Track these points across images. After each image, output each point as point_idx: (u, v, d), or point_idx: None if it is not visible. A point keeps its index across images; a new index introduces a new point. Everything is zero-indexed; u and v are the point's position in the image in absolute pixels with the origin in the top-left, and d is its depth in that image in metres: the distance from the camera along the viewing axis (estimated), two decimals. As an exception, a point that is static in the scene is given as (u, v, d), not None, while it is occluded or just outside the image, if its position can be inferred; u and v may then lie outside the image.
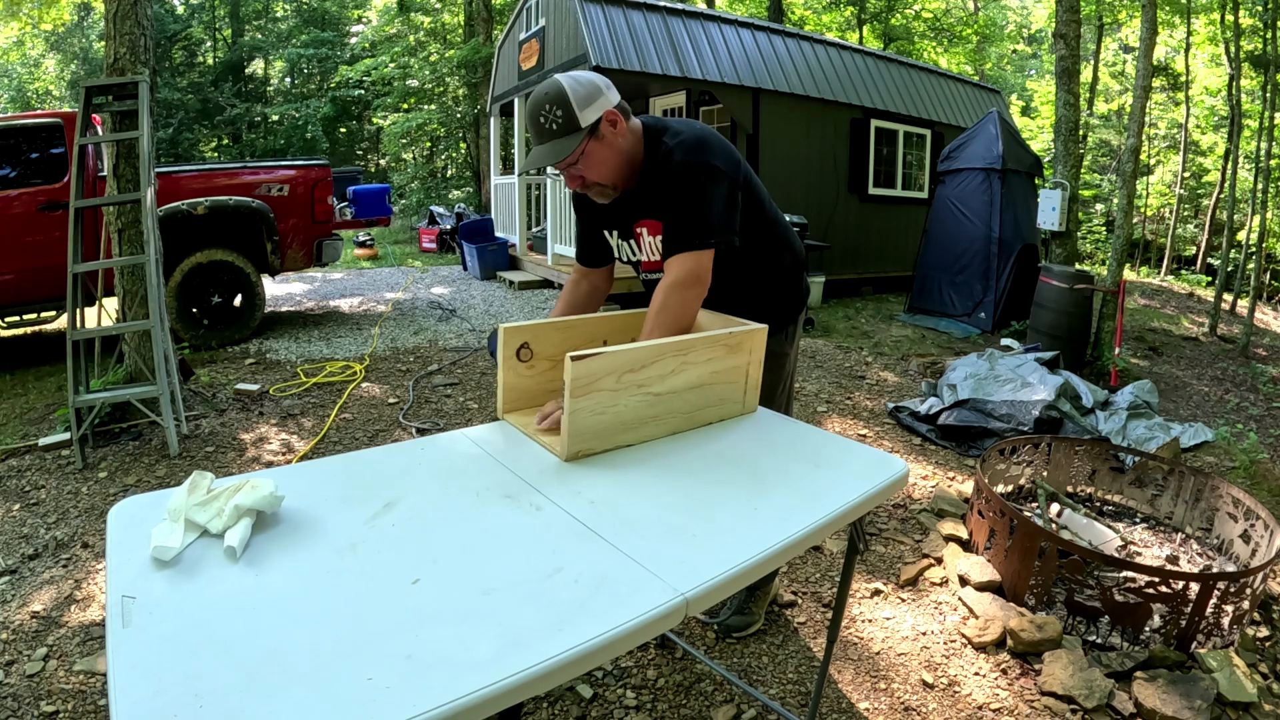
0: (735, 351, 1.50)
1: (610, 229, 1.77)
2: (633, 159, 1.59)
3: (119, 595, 0.88)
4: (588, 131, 1.49)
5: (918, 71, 9.57)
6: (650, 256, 1.70)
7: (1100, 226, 16.32)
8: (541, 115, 1.49)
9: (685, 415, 1.46)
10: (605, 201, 1.64)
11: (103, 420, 3.41)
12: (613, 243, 1.78)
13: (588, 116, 1.49)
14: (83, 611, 2.18)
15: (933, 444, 3.76)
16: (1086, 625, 2.20)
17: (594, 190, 1.61)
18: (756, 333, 1.52)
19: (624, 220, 1.72)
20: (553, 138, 1.50)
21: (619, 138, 1.55)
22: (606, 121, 1.51)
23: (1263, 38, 8.95)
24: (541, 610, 0.88)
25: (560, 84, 1.49)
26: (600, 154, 1.53)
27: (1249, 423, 4.71)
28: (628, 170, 1.60)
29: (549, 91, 1.49)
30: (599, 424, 1.32)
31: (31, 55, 20.46)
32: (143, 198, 3.30)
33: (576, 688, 1.89)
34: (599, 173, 1.56)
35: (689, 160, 1.55)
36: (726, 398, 1.52)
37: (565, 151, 1.49)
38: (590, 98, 1.49)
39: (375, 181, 17.70)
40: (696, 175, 1.55)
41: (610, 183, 1.59)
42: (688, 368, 1.42)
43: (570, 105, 1.47)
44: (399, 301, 7.17)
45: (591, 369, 1.27)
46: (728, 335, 1.48)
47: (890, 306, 7.78)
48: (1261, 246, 8.83)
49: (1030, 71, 24.30)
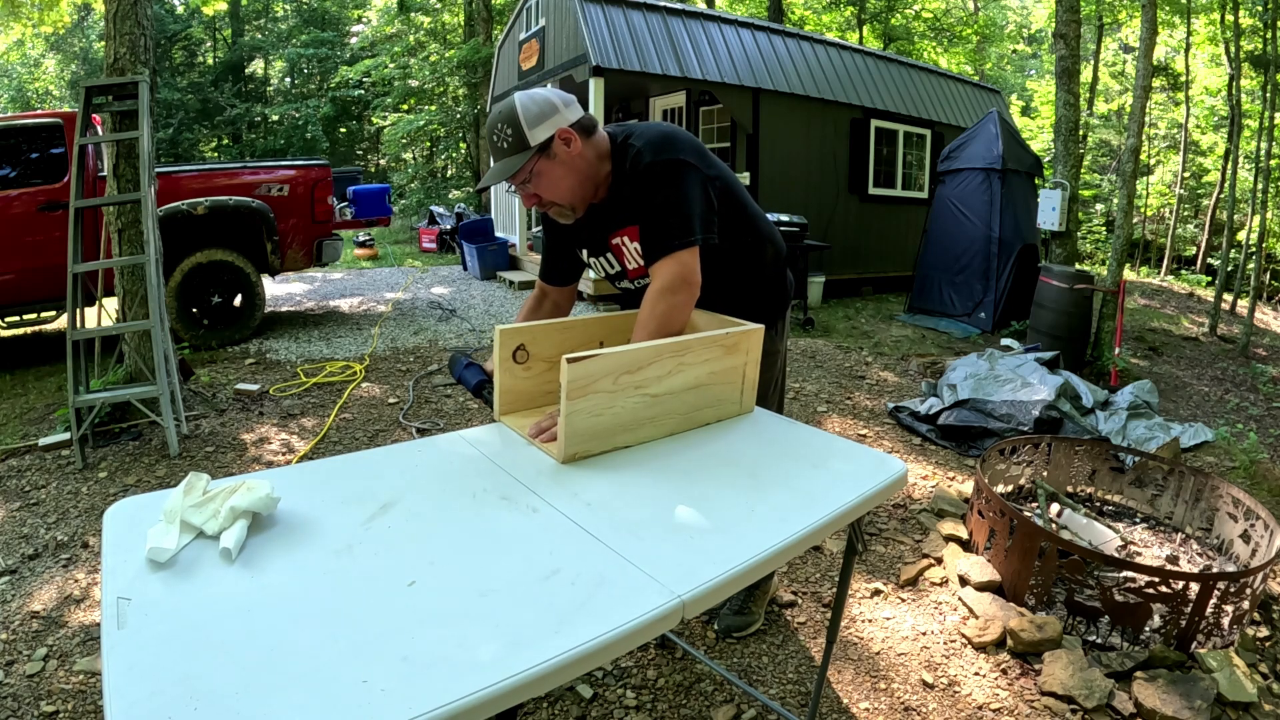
0: (732, 352, 1.49)
1: (581, 247, 1.75)
2: (593, 176, 1.58)
3: (114, 596, 0.87)
4: (537, 150, 1.48)
5: (918, 71, 9.56)
6: (636, 263, 1.68)
7: (1100, 226, 16.32)
8: (495, 134, 1.50)
9: (683, 416, 1.45)
10: (566, 222, 1.63)
11: (103, 420, 3.41)
12: (586, 260, 1.77)
13: (538, 135, 1.47)
14: (83, 611, 2.18)
15: (933, 444, 3.76)
16: (1086, 625, 2.19)
17: (552, 210, 1.60)
18: (753, 333, 1.52)
19: (597, 235, 1.69)
20: (504, 155, 1.50)
21: (574, 156, 1.52)
22: (560, 139, 1.49)
23: (1263, 38, 8.95)
24: (539, 612, 0.88)
25: (513, 103, 1.49)
26: (553, 173, 1.51)
27: (1249, 423, 4.71)
28: (587, 189, 1.58)
29: (502, 110, 1.49)
30: (596, 425, 1.31)
31: (31, 55, 20.47)
32: (143, 198, 3.30)
33: (576, 688, 1.89)
34: (553, 192, 1.54)
35: (659, 159, 1.53)
36: (724, 398, 1.52)
37: (512, 169, 1.49)
38: (542, 116, 1.48)
39: (375, 181, 17.70)
40: (669, 173, 1.53)
41: (566, 202, 1.57)
42: (685, 369, 1.42)
43: (519, 124, 1.46)
44: (399, 301, 7.17)
45: (589, 370, 1.26)
46: (724, 336, 1.47)
47: (890, 306, 7.77)
48: (1261, 246, 8.82)
49: (1030, 71, 24.29)
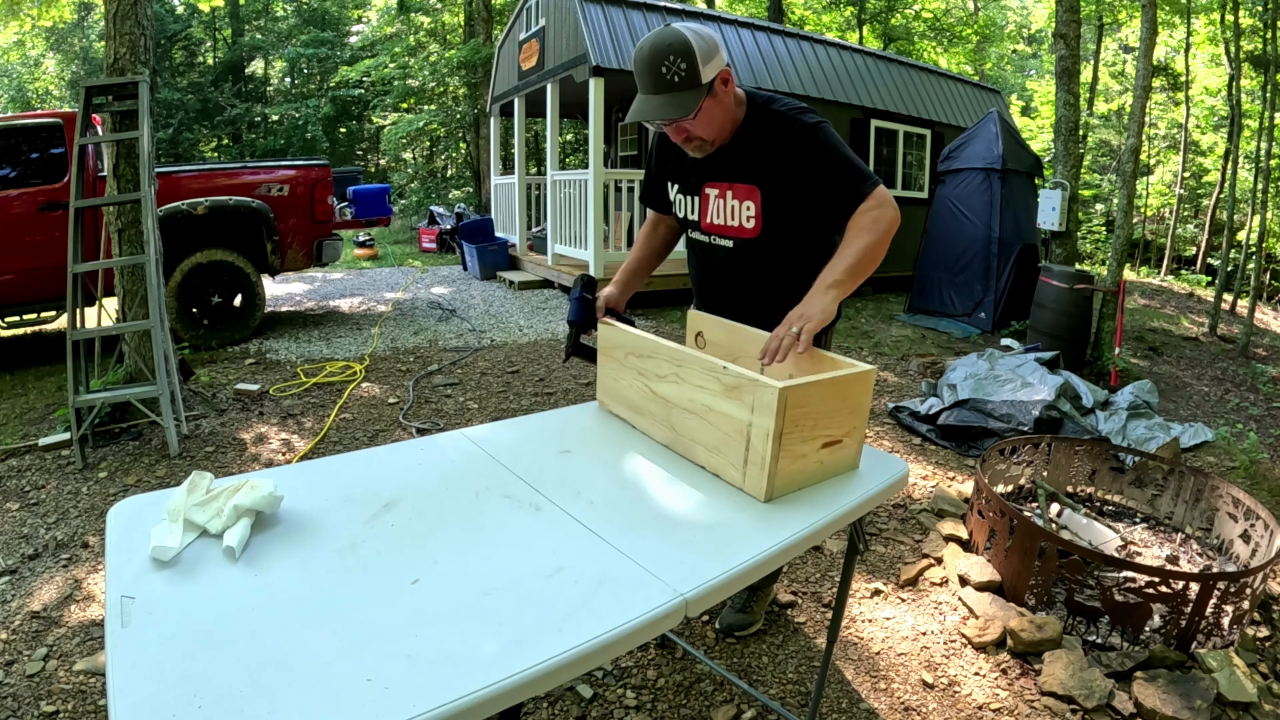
0: (732, 395, 1.20)
1: (674, 182, 1.75)
2: (735, 119, 1.57)
3: (118, 595, 0.87)
4: (707, 89, 1.45)
5: (918, 71, 9.56)
6: (716, 219, 1.67)
7: (1100, 226, 16.31)
8: (664, 65, 1.41)
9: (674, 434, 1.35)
10: (699, 155, 1.60)
11: (103, 420, 3.41)
12: (671, 195, 1.77)
13: (708, 73, 1.44)
14: (83, 611, 2.18)
15: (933, 444, 3.76)
16: (1086, 625, 2.20)
17: (693, 144, 1.56)
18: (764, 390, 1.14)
19: (694, 177, 1.68)
20: (671, 90, 1.43)
21: (729, 95, 1.52)
22: (720, 80, 1.47)
23: (1263, 38, 8.95)
24: (542, 610, 0.88)
25: (684, 35, 1.42)
26: (712, 110, 1.49)
27: (1249, 423, 4.71)
28: (730, 129, 1.57)
29: (672, 41, 1.41)
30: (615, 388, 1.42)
31: (31, 55, 20.46)
32: (143, 198, 3.30)
33: (577, 688, 1.89)
34: (707, 129, 1.52)
35: (815, 123, 1.52)
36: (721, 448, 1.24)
37: (688, 108, 1.44)
38: (710, 53, 1.44)
39: (375, 181, 17.70)
40: (828, 135, 1.53)
41: (714, 139, 1.56)
42: (681, 383, 1.31)
43: (695, 59, 1.41)
44: (399, 301, 7.17)
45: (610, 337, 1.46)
46: (723, 370, 1.21)
47: (890, 306, 7.77)
48: (1261, 246, 8.82)
49: (1030, 71, 24.29)
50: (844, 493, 1.22)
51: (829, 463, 1.24)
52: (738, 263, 1.68)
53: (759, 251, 1.64)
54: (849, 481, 1.26)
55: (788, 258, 1.63)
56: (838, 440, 1.24)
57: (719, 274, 1.74)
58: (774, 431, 1.12)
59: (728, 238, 1.66)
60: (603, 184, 6.86)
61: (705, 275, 1.80)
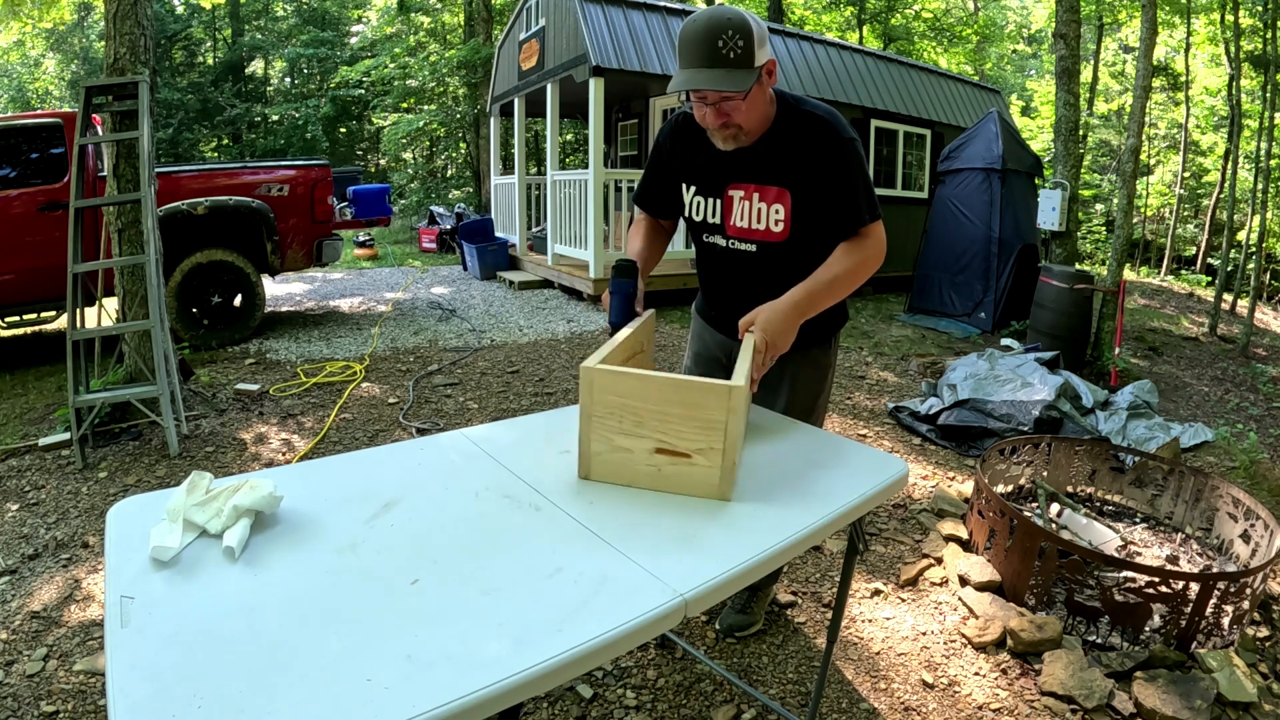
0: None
1: (690, 183, 1.67)
2: (768, 115, 1.53)
3: (118, 595, 0.87)
4: (759, 73, 1.42)
5: (918, 71, 9.57)
6: (741, 222, 1.61)
7: (1100, 226, 16.32)
8: (722, 39, 1.37)
9: None
10: (729, 147, 1.54)
11: (103, 420, 3.41)
12: (687, 198, 1.69)
13: (760, 57, 1.41)
14: (83, 611, 2.18)
15: (933, 444, 3.76)
16: (1086, 625, 2.20)
17: (726, 133, 1.50)
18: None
19: (717, 178, 1.62)
20: (725, 65, 1.38)
21: (769, 88, 1.49)
22: (766, 70, 1.44)
23: (1263, 38, 8.95)
24: (542, 610, 0.88)
25: (743, 16, 1.39)
26: (757, 99, 1.46)
27: (1249, 423, 4.71)
28: (763, 126, 1.54)
29: (731, 17, 1.38)
30: None
31: (31, 55, 20.45)
32: (143, 198, 3.30)
33: (576, 688, 1.89)
34: (749, 118, 1.48)
35: (850, 138, 1.51)
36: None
37: (744, 85, 1.39)
38: (764, 39, 1.42)
39: (375, 181, 17.69)
40: (858, 155, 1.51)
41: (750, 130, 1.51)
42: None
43: (752, 39, 1.38)
44: (399, 301, 7.17)
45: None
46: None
47: (890, 306, 7.77)
48: (1261, 246, 8.82)
49: (1030, 71, 24.30)
50: (843, 492, 1.22)
51: (672, 475, 1.19)
52: (761, 267, 1.62)
53: (785, 256, 1.60)
54: (848, 481, 1.26)
55: (812, 262, 1.58)
56: (683, 454, 1.16)
57: (739, 278, 1.68)
58: (582, 408, 1.17)
59: (751, 241, 1.61)
60: (603, 184, 6.86)
61: (723, 279, 1.74)
